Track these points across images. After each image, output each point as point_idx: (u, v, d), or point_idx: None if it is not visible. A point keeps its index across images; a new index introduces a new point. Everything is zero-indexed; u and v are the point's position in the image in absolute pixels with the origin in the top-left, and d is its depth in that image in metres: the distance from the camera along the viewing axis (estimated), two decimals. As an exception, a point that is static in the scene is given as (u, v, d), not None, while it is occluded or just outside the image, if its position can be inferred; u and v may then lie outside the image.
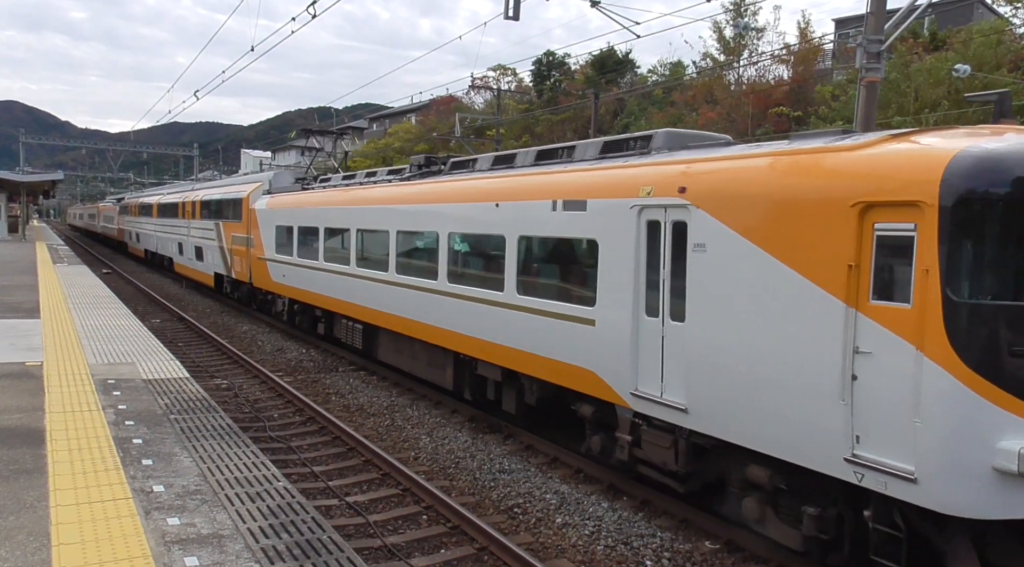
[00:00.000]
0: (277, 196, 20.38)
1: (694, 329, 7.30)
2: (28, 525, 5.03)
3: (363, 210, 14.80)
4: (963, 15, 37.22)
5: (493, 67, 61.79)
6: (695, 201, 7.32)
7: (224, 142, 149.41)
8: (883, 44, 12.94)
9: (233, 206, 23.23)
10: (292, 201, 18.89)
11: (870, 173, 6.04)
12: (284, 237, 18.82)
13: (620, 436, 8.43)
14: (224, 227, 23.83)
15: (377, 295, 13.87)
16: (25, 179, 41.72)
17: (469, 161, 12.84)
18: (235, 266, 22.94)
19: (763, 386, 6.61)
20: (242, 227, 22.07)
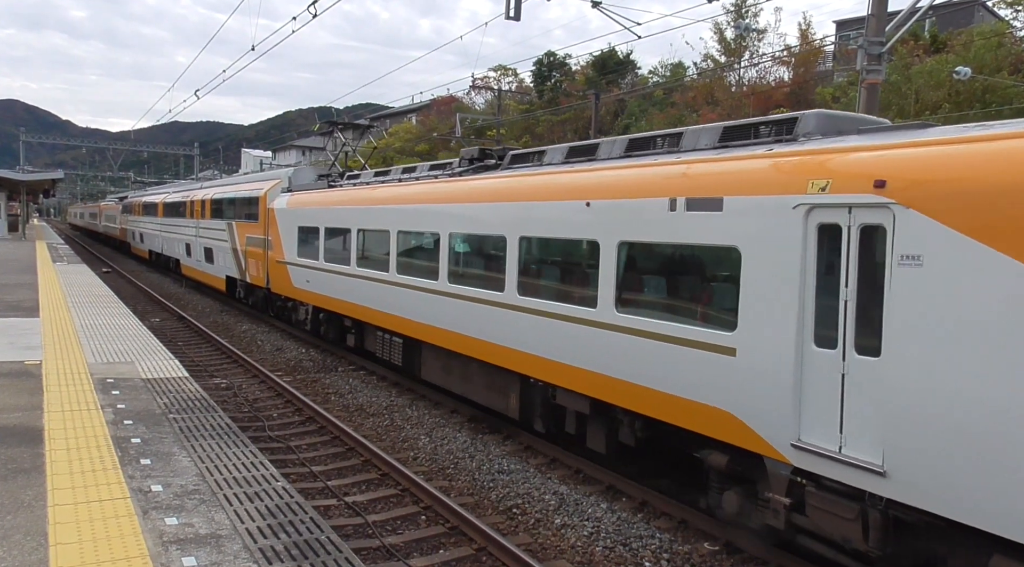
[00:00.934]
0: (299, 194, 18.49)
1: (899, 367, 5.59)
2: (25, 524, 5.02)
3: (405, 211, 13.06)
4: (964, 17, 37.24)
5: (494, 67, 61.83)
6: (904, 199, 5.61)
7: (225, 142, 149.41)
8: (884, 46, 12.93)
9: (248, 205, 21.55)
10: (318, 200, 17.12)
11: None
12: (308, 239, 17.08)
13: (773, 497, 6.70)
14: (237, 228, 22.17)
15: (423, 306, 12.18)
16: (25, 178, 41.69)
17: (534, 154, 11.11)
18: (250, 269, 21.24)
19: (1019, 449, 4.97)
20: (258, 228, 20.43)
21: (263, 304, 21.60)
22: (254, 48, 24.64)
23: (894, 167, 5.81)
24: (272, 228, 19.34)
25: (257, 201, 20.78)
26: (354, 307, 14.92)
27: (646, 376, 7.85)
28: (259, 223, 20.32)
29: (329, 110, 48.77)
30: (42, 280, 19.97)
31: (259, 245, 20.31)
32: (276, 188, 20.07)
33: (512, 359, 9.99)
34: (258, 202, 20.67)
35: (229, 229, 23.06)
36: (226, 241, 23.31)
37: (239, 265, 22.24)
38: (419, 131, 61.85)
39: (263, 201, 20.29)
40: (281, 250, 18.62)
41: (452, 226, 11.53)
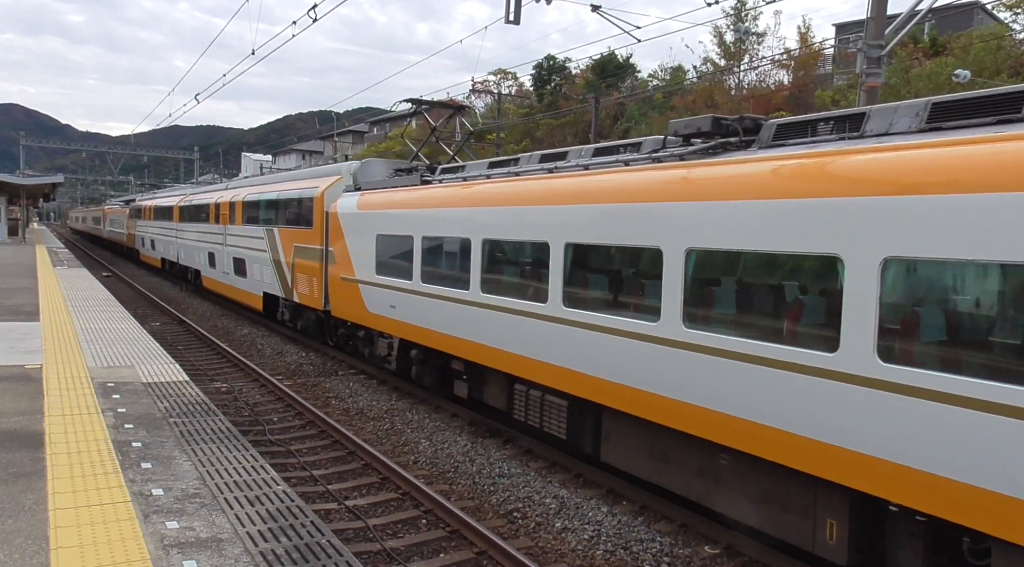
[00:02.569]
0: (374, 194, 14.48)
1: None
2: (27, 528, 5.02)
3: (583, 214, 8.81)
4: (963, 21, 37.29)
5: (494, 71, 61.93)
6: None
7: (225, 146, 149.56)
8: (884, 49, 12.96)
9: (297, 208, 17.81)
10: (408, 200, 13.03)
11: None
12: (395, 251, 13.18)
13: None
14: (281, 235, 18.55)
15: (621, 358, 8.13)
16: (25, 182, 41.75)
17: (803, 123, 7.17)
18: (299, 287, 17.46)
19: None
20: (312, 236, 16.62)
21: (315, 329, 17.90)
22: (254, 52, 24.67)
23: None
24: (334, 236, 15.50)
25: (310, 203, 16.93)
26: (474, 347, 10.83)
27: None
28: (314, 230, 16.55)
29: (329, 114, 48.56)
30: (42, 284, 19.98)
31: (313, 257, 16.51)
32: (336, 186, 16.23)
33: (834, 461, 6.04)
34: (312, 204, 16.82)
35: (269, 237, 19.46)
36: (264, 251, 19.70)
37: (282, 280, 18.53)
38: (419, 134, 61.89)
39: (319, 203, 16.45)
40: (349, 265, 14.74)
41: (690, 238, 7.39)
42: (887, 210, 5.66)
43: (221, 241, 24.10)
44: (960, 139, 5.54)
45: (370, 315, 14.03)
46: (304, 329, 18.61)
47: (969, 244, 5.15)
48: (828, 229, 6.03)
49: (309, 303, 17.10)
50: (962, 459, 5.10)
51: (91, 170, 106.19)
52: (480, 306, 10.61)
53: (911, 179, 5.58)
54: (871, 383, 5.67)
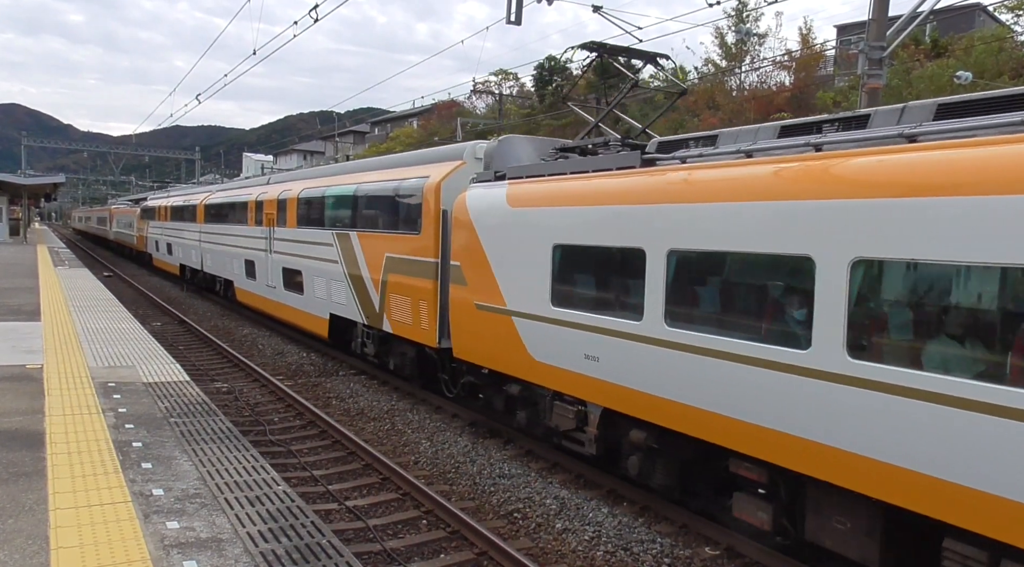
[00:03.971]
0: (537, 183, 9.93)
1: None
2: (27, 528, 5.02)
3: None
4: (965, 22, 37.29)
5: (495, 71, 62.01)
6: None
7: (226, 146, 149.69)
8: (885, 51, 12.95)
9: (392, 205, 13.69)
10: (628, 191, 8.37)
11: None
12: (595, 273, 8.95)
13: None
14: (364, 242, 14.38)
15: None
16: (27, 182, 41.80)
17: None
18: (393, 312, 13.24)
19: None
20: (420, 243, 12.36)
21: (416, 369, 13.43)
22: (255, 52, 24.67)
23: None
24: (461, 245, 11.14)
25: (415, 199, 12.67)
26: (786, 442, 6.47)
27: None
28: (422, 236, 12.31)
29: (330, 114, 48.64)
30: (43, 284, 20.00)
31: (420, 273, 12.31)
32: (458, 175, 12.01)
33: None
34: (418, 201, 12.51)
35: (342, 244, 15.30)
36: (334, 262, 15.57)
37: (364, 302, 14.36)
38: (420, 135, 61.97)
39: (431, 198, 12.11)
40: (490, 286, 10.37)
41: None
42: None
43: (264, 247, 19.86)
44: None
45: (538, 365, 9.47)
46: (399, 369, 13.90)
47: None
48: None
49: (411, 335, 12.69)
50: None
51: (92, 170, 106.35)
52: (835, 379, 6.02)
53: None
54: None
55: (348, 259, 15.02)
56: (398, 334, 13.26)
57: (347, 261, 15.07)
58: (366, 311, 14.40)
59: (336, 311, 15.72)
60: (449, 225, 11.68)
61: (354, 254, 14.76)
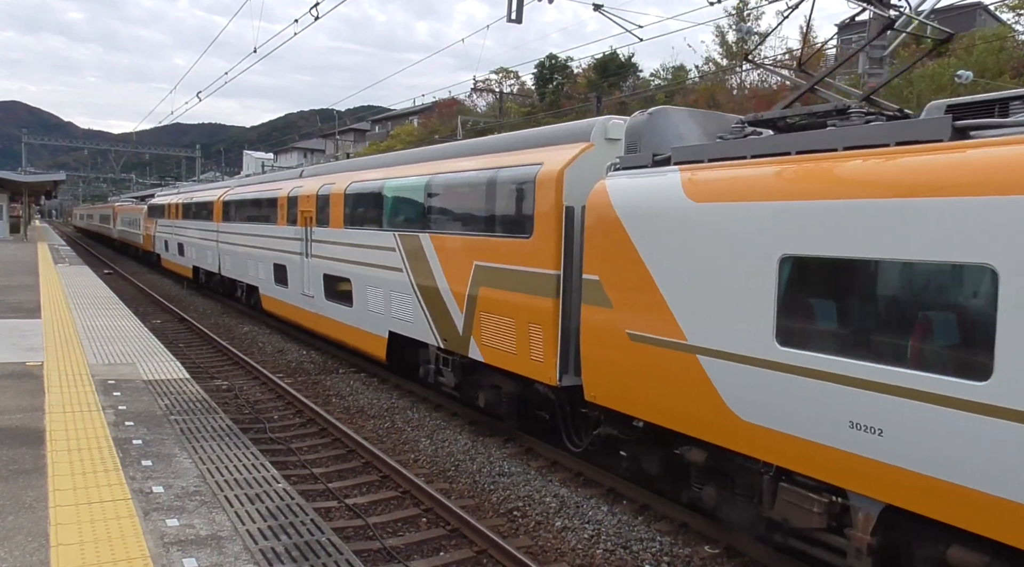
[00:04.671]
0: (734, 170, 7.00)
1: None
2: (27, 525, 5.02)
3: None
4: (966, 21, 37.27)
5: (495, 70, 62.04)
6: None
7: (226, 144, 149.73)
8: (886, 50, 12.94)
9: (484, 200, 10.86)
10: (960, 172, 5.23)
11: None
12: (859, 296, 5.93)
13: None
14: (438, 246, 11.78)
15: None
16: (27, 179, 41.79)
17: None
18: (484, 335, 10.59)
19: None
20: (528, 250, 9.69)
21: (511, 409, 10.86)
22: (256, 51, 24.67)
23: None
24: (598, 252, 8.36)
25: (523, 191, 9.91)
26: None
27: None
28: (534, 239, 9.57)
29: (331, 112, 48.64)
30: (44, 282, 20.00)
31: (529, 287, 9.63)
32: (586, 161, 9.27)
33: None
34: (528, 193, 9.76)
35: (407, 247, 12.64)
36: (396, 269, 12.96)
37: (439, 319, 11.73)
38: (421, 133, 61.96)
39: (550, 190, 9.31)
40: (660, 311, 7.53)
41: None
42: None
43: (299, 250, 17.33)
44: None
45: (746, 427, 6.69)
46: (491, 406, 11.10)
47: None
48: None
49: (512, 367, 10.05)
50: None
51: (93, 168, 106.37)
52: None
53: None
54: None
55: (417, 267, 12.30)
56: (491, 364, 10.47)
57: (415, 269, 12.35)
58: (443, 332, 11.61)
59: (398, 329, 13.03)
60: (576, 226, 8.94)
61: (426, 261, 12.04)
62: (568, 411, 9.84)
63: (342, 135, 79.95)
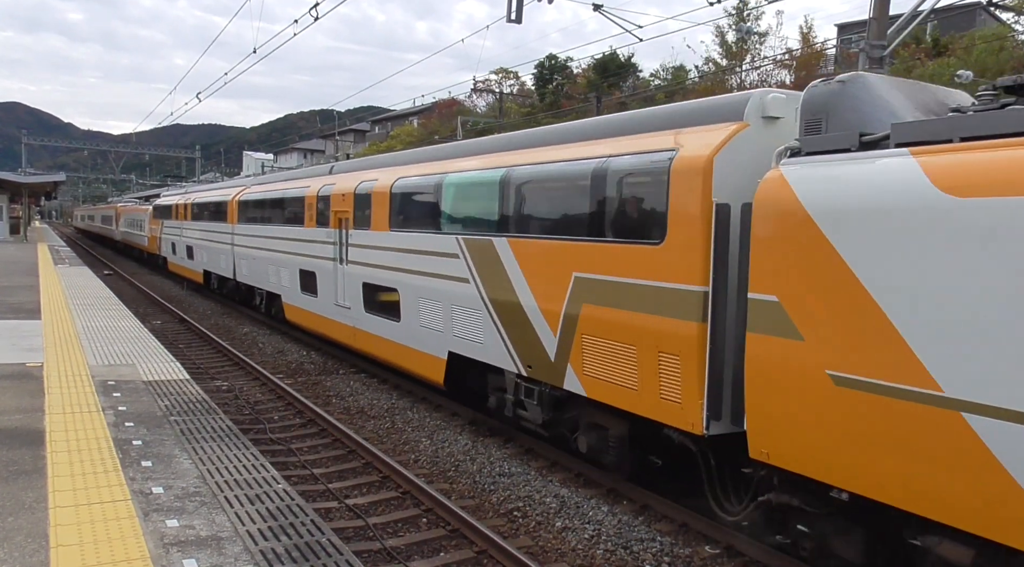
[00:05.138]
0: (1010, 152, 5.02)
1: None
2: (27, 526, 5.02)
3: None
4: (966, 21, 37.26)
5: (495, 70, 62.10)
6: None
7: (226, 144, 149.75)
8: (886, 50, 12.95)
9: (590, 195, 8.73)
10: None
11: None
12: None
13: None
14: (520, 252, 9.80)
15: None
16: (27, 180, 41.80)
17: None
18: (588, 363, 8.65)
19: None
20: (659, 259, 7.62)
21: (622, 455, 8.83)
22: (255, 51, 24.68)
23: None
24: (801, 266, 6.15)
25: (655, 183, 7.82)
26: None
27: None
28: (668, 245, 7.55)
29: (331, 113, 48.64)
30: (44, 282, 20.00)
31: (670, 308, 7.51)
32: (739, 142, 7.33)
33: None
34: (661, 185, 7.68)
35: (476, 254, 10.71)
36: (461, 279, 11.04)
37: (520, 340, 9.82)
38: (421, 134, 61.97)
39: (693, 182, 7.30)
40: (890, 347, 5.50)
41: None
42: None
43: (332, 255, 15.61)
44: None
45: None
46: (596, 452, 9.07)
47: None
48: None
49: (633, 406, 8.04)
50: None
51: (93, 168, 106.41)
52: None
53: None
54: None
55: (490, 278, 10.35)
56: (597, 399, 8.54)
57: (488, 281, 10.40)
58: (527, 357, 9.69)
59: (461, 350, 11.12)
60: (733, 229, 6.96)
61: (503, 271, 10.05)
62: (714, 466, 7.77)
63: (342, 136, 79.97)
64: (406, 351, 12.79)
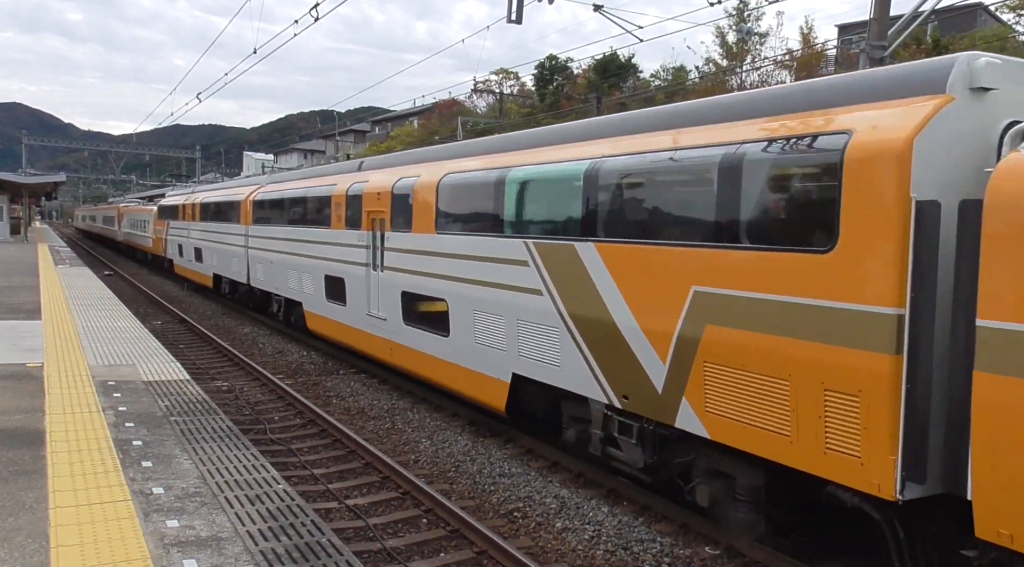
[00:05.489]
0: None
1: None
2: (27, 527, 5.02)
3: None
4: (966, 22, 37.27)
5: (496, 71, 62.18)
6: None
7: (227, 145, 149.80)
8: (887, 50, 12.95)
9: (717, 190, 7.09)
10: None
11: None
12: None
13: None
14: (613, 260, 8.24)
15: None
16: (27, 181, 41.83)
17: None
18: (712, 398, 7.06)
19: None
20: (828, 271, 6.01)
21: (757, 513, 7.23)
22: (256, 51, 24.69)
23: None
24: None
25: (821, 173, 6.27)
26: None
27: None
28: (840, 253, 5.96)
29: (331, 113, 48.63)
30: (44, 283, 20.00)
31: (845, 335, 5.90)
32: (942, 120, 5.67)
33: None
34: (832, 176, 6.07)
35: (552, 261, 9.19)
36: (531, 291, 9.49)
37: (611, 365, 8.33)
38: (421, 134, 61.98)
39: (883, 172, 5.68)
40: None
41: None
42: None
43: (364, 260, 14.14)
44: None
45: None
46: (717, 503, 7.63)
47: None
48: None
49: (783, 456, 6.50)
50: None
51: (93, 169, 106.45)
52: None
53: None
54: None
55: (571, 289, 8.73)
56: (724, 442, 7.03)
57: (567, 292, 8.80)
58: (622, 385, 8.11)
59: (529, 372, 9.56)
60: (946, 234, 5.45)
61: (588, 282, 8.44)
62: (903, 537, 6.08)
63: (342, 136, 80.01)
64: (457, 371, 11.20)
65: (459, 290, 10.97)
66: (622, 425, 8.34)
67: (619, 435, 8.39)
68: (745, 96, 7.93)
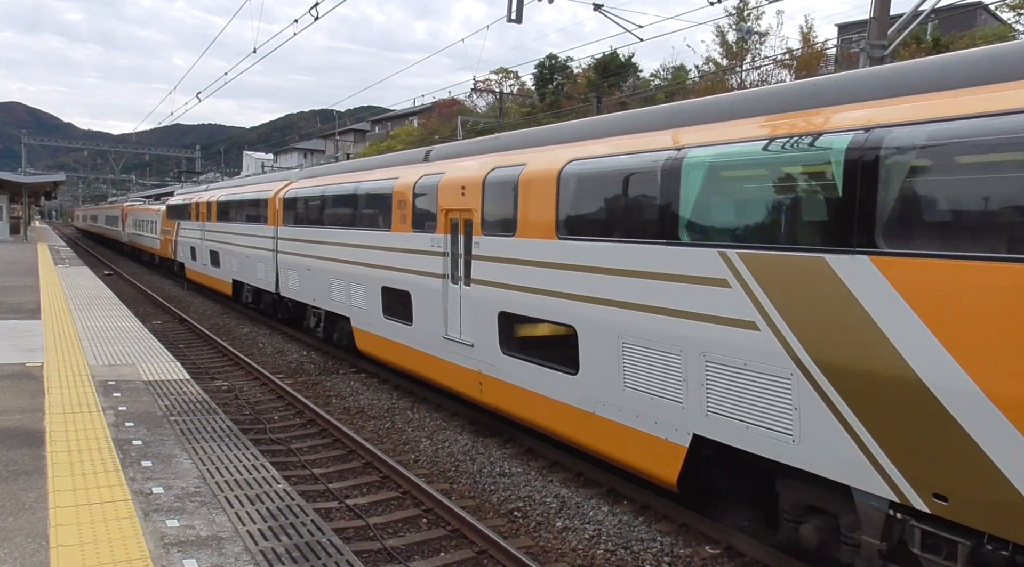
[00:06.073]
0: None
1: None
2: (27, 526, 5.01)
3: None
4: (966, 21, 37.26)
5: (495, 70, 62.15)
6: None
7: (226, 144, 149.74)
8: (887, 50, 12.94)
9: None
10: None
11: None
12: None
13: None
14: (900, 281, 5.35)
15: None
16: (27, 180, 41.78)
17: None
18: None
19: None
20: None
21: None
22: (255, 51, 24.68)
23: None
24: None
25: None
26: None
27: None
28: None
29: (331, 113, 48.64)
30: (44, 282, 19.99)
31: None
32: None
33: None
34: None
35: (780, 280, 6.26)
36: (742, 323, 6.63)
37: (906, 445, 5.41)
38: (421, 133, 61.97)
39: None
40: None
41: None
42: None
43: (440, 270, 11.66)
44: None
45: None
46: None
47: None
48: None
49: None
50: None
51: (93, 168, 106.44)
52: None
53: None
54: None
55: (821, 323, 5.95)
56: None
57: (811, 328, 6.03)
58: (935, 477, 5.30)
59: (722, 435, 6.96)
60: None
61: (858, 315, 5.66)
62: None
63: (342, 136, 79.98)
64: (591, 421, 8.61)
65: (596, 314, 8.36)
66: (929, 538, 5.53)
67: (925, 554, 5.57)
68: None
